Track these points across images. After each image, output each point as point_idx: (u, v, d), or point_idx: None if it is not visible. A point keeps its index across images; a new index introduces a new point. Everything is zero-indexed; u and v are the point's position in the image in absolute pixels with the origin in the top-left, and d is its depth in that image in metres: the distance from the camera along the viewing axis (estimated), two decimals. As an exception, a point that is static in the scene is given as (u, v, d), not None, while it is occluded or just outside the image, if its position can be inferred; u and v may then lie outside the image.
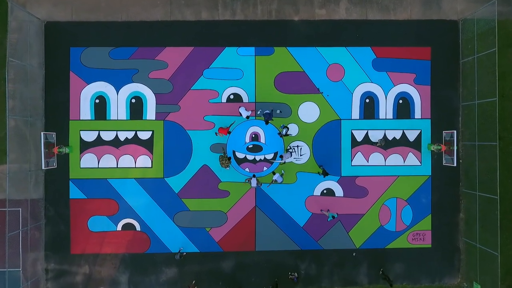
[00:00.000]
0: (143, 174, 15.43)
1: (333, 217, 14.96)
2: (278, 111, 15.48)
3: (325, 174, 14.88)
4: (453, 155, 14.83)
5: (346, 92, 15.67)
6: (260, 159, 15.58)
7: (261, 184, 15.04)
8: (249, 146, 15.58)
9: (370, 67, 15.61)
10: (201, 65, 15.43)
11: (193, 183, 15.47)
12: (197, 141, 15.47)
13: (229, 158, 14.89)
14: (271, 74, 15.51)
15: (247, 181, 15.05)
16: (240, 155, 15.62)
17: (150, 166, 15.45)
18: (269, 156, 15.61)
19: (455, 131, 14.93)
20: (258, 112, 15.29)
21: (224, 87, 15.49)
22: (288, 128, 14.98)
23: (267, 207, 15.60)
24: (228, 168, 15.09)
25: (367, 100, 15.65)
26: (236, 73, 15.49)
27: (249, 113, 14.84)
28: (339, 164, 15.63)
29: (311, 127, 15.62)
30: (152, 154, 15.44)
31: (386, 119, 15.68)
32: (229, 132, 15.09)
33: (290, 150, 15.40)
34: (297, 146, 15.61)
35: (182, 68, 15.43)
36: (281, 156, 14.95)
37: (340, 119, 15.63)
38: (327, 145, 15.59)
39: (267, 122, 14.51)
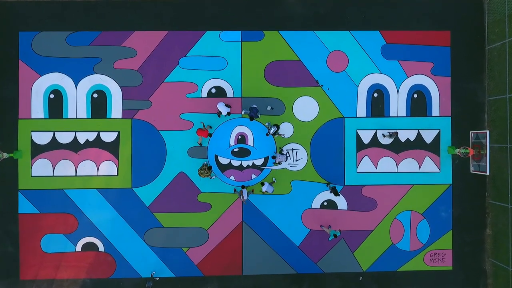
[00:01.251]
0: (107, 184, 14.22)
1: (335, 235, 13.48)
2: (269, 108, 14.05)
3: (335, 193, 13.63)
4: (484, 161, 13.40)
5: (351, 85, 14.45)
6: (248, 165, 14.18)
7: (245, 199, 13.46)
8: (235, 150, 14.18)
9: (379, 55, 14.51)
10: (176, 52, 14.28)
11: (167, 194, 14.19)
12: (172, 144, 14.19)
13: (210, 168, 13.46)
14: (260, 64, 14.33)
15: (235, 191, 13.84)
16: (223, 161, 14.14)
17: (116, 174, 14.23)
18: (258, 162, 14.14)
19: (487, 132, 13.43)
20: (243, 112, 13.99)
21: (204, 79, 14.28)
22: (277, 127, 13.53)
23: (256, 222, 14.27)
24: (213, 178, 13.82)
25: (376, 95, 14.48)
26: (219, 62, 14.26)
27: (229, 109, 13.27)
28: (342, 171, 14.35)
29: (309, 126, 14.37)
30: (118, 160, 14.19)
31: (398, 117, 14.50)
32: (210, 135, 13.78)
33: (285, 153, 14.03)
34: (292, 150, 14.16)
35: (153, 56, 14.26)
36: (274, 157, 13.59)
37: (343, 117, 14.43)
38: (328, 148, 14.37)
39: (251, 118, 13.15)
